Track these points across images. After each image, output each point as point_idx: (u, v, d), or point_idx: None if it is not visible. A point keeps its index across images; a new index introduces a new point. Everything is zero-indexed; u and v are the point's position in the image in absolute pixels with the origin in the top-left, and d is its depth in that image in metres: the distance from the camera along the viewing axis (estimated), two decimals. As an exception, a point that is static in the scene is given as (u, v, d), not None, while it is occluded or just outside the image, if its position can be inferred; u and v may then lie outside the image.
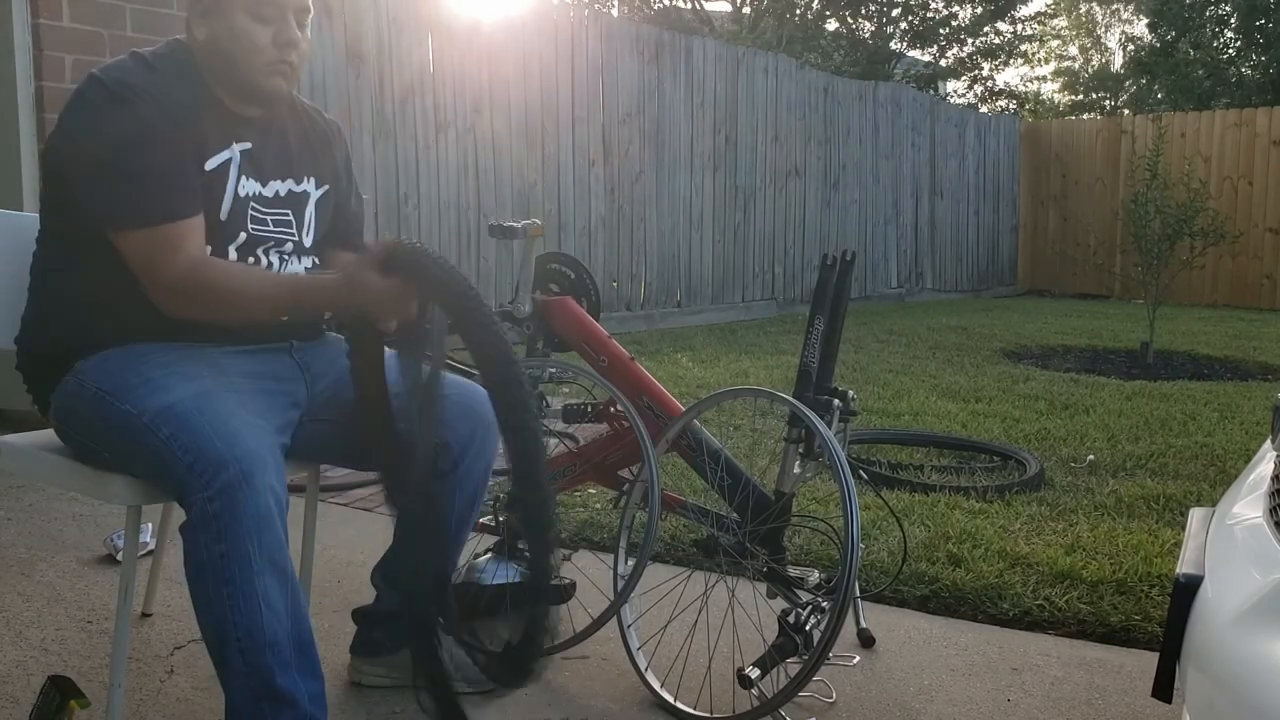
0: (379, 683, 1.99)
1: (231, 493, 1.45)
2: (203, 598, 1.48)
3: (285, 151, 1.80)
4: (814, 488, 3.18)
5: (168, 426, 1.52)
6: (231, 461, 1.46)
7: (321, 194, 1.85)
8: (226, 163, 1.68)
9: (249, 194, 1.71)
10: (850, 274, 2.13)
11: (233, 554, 1.45)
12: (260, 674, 1.47)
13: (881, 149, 10.22)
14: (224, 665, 1.49)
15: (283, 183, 1.78)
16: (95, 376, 1.63)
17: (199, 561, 1.47)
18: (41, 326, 1.73)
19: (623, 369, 2.20)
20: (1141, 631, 2.28)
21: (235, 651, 1.47)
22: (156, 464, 1.53)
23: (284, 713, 1.48)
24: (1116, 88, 21.20)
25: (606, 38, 7.47)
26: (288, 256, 1.79)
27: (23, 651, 2.11)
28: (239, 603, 1.46)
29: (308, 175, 1.83)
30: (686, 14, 15.48)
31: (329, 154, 1.89)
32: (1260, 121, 10.64)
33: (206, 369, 1.63)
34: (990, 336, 7.46)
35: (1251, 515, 1.37)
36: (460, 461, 1.81)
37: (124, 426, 1.57)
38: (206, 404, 1.54)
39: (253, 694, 1.48)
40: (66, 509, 3.04)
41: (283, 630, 1.48)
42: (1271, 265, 10.58)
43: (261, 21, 1.65)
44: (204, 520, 1.46)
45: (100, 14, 3.92)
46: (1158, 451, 3.88)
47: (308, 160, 1.84)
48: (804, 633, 1.86)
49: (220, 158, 1.68)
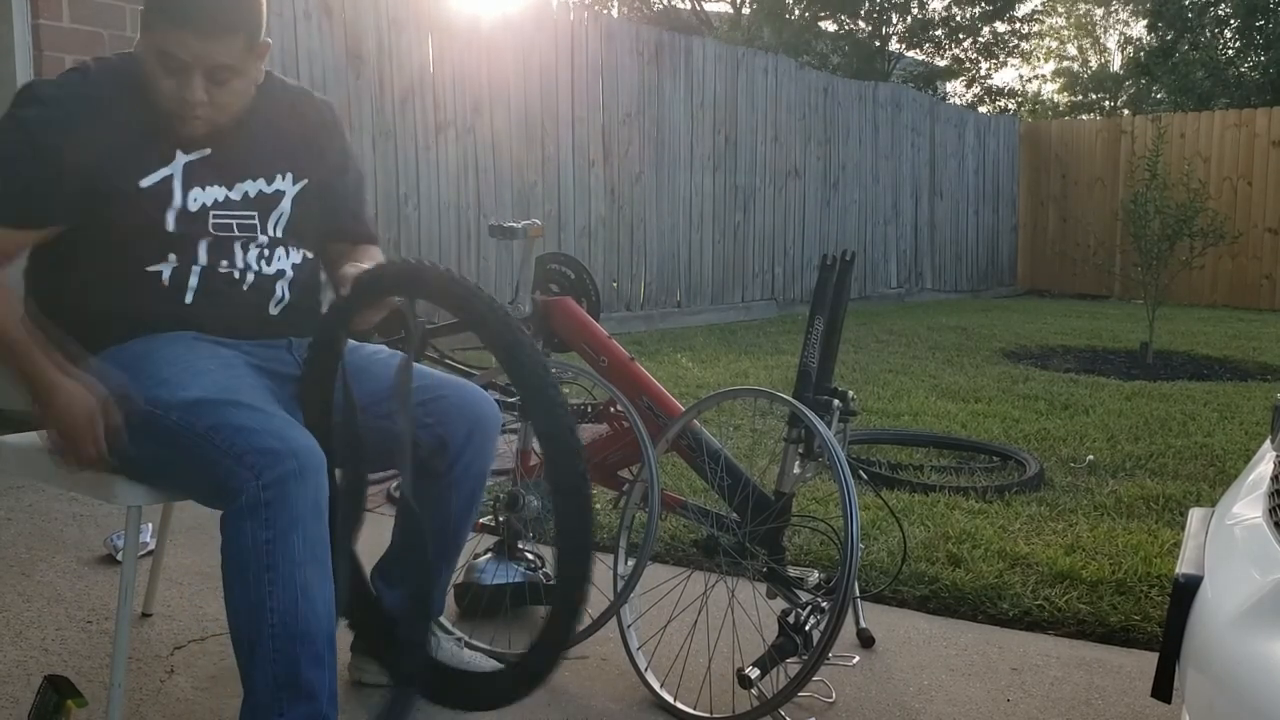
0: (380, 681, 1.99)
1: (285, 484, 1.46)
2: (240, 583, 1.48)
3: (255, 151, 1.77)
4: (814, 488, 3.18)
5: (204, 420, 1.52)
6: (289, 455, 1.47)
7: (299, 189, 1.82)
8: (168, 178, 1.67)
9: (208, 202, 1.70)
10: (850, 274, 2.13)
11: (279, 542, 1.46)
12: (288, 663, 1.47)
13: (881, 149, 10.22)
14: (252, 651, 1.48)
15: (253, 183, 1.76)
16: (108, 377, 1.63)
17: (242, 547, 1.47)
18: (54, 317, 1.73)
19: (622, 369, 2.20)
20: (1141, 632, 2.28)
21: (268, 637, 1.46)
22: (187, 458, 1.53)
23: (301, 706, 1.49)
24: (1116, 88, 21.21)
25: (606, 38, 7.47)
26: (265, 250, 1.78)
27: (23, 651, 2.11)
28: (279, 589, 1.46)
29: (281, 173, 1.80)
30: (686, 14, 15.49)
31: (315, 145, 1.86)
32: (1260, 122, 10.64)
33: (213, 363, 1.64)
34: (990, 337, 7.46)
35: (1251, 515, 1.37)
36: (457, 462, 1.81)
37: (143, 425, 1.56)
38: (239, 399, 1.55)
39: (275, 682, 1.47)
40: (66, 509, 3.04)
41: (318, 624, 1.49)
42: (1271, 265, 10.58)
43: (167, 72, 1.62)
44: (254, 508, 1.45)
45: (100, 14, 3.92)
46: (1157, 452, 3.88)
47: (283, 155, 1.81)
48: (804, 633, 1.87)
49: (158, 175, 1.67)
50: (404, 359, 1.63)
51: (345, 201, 1.94)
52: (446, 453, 1.79)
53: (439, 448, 1.78)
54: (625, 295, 7.71)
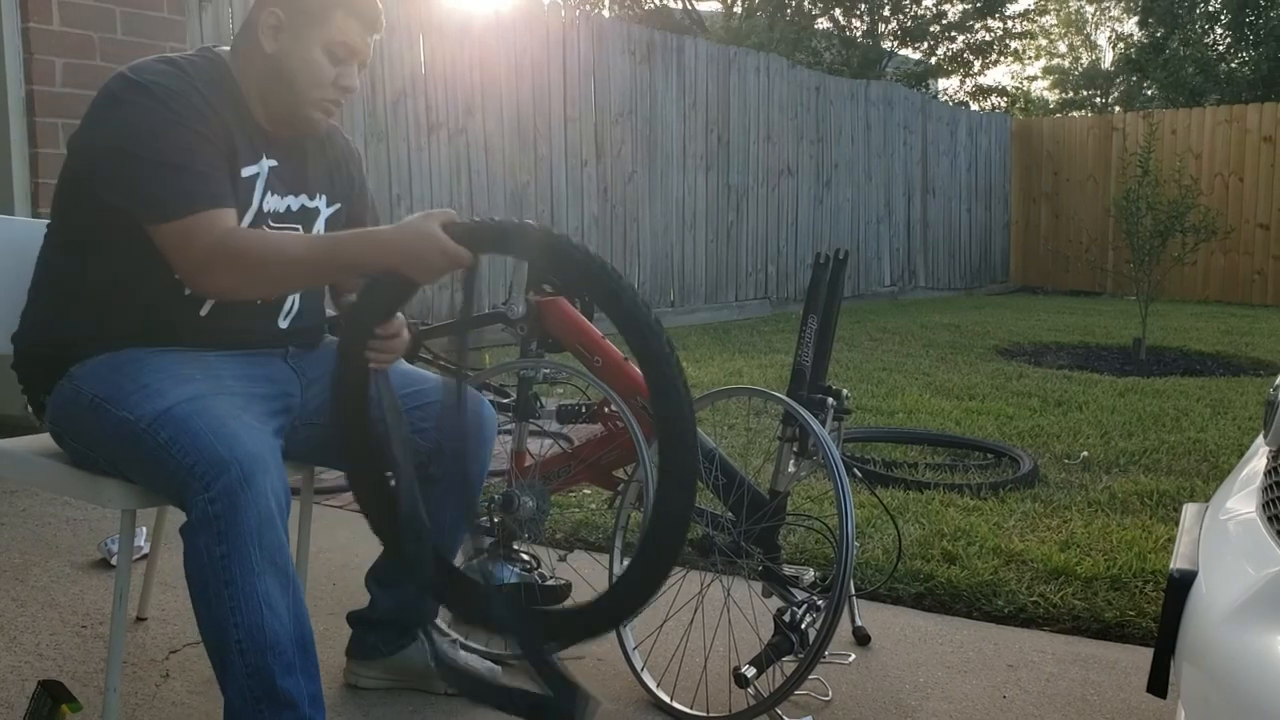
0: (375, 685, 1.99)
1: (233, 495, 1.44)
2: (203, 600, 1.48)
3: (303, 168, 1.81)
4: (809, 486, 3.18)
5: (165, 430, 1.51)
6: (233, 463, 1.45)
7: (333, 211, 1.87)
8: (254, 176, 1.70)
9: (272, 209, 1.73)
10: (843, 273, 2.13)
11: (234, 555, 1.45)
12: (261, 675, 1.47)
13: (874, 147, 10.23)
14: (224, 667, 1.48)
15: (296, 198, 1.79)
16: (90, 383, 1.63)
17: (200, 564, 1.47)
18: (44, 324, 1.72)
19: (617, 369, 2.19)
20: (1136, 627, 2.29)
21: (236, 653, 1.46)
22: (155, 468, 1.53)
23: (283, 714, 1.48)
24: (1107, 85, 21.26)
25: (598, 38, 7.47)
26: None
27: (17, 657, 2.11)
28: (240, 604, 1.45)
29: (320, 192, 1.84)
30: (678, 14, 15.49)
31: (344, 172, 1.91)
32: (1250, 118, 10.67)
33: (200, 372, 1.63)
34: (983, 334, 7.48)
35: (1245, 510, 1.37)
36: (453, 465, 1.81)
37: (121, 433, 1.56)
38: (204, 407, 1.54)
39: (252, 696, 1.47)
40: (61, 514, 3.03)
41: (284, 632, 1.48)
42: (1262, 261, 10.61)
43: (333, 60, 1.69)
44: (205, 522, 1.45)
45: (90, 17, 3.90)
46: (1151, 447, 3.89)
47: (323, 178, 1.85)
48: (799, 631, 1.87)
49: (250, 170, 1.69)
50: (454, 382, 1.64)
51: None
52: (442, 457, 1.78)
53: (434, 453, 1.77)
54: (619, 295, 7.70)
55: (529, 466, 2.30)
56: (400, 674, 1.98)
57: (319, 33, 1.67)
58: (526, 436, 2.34)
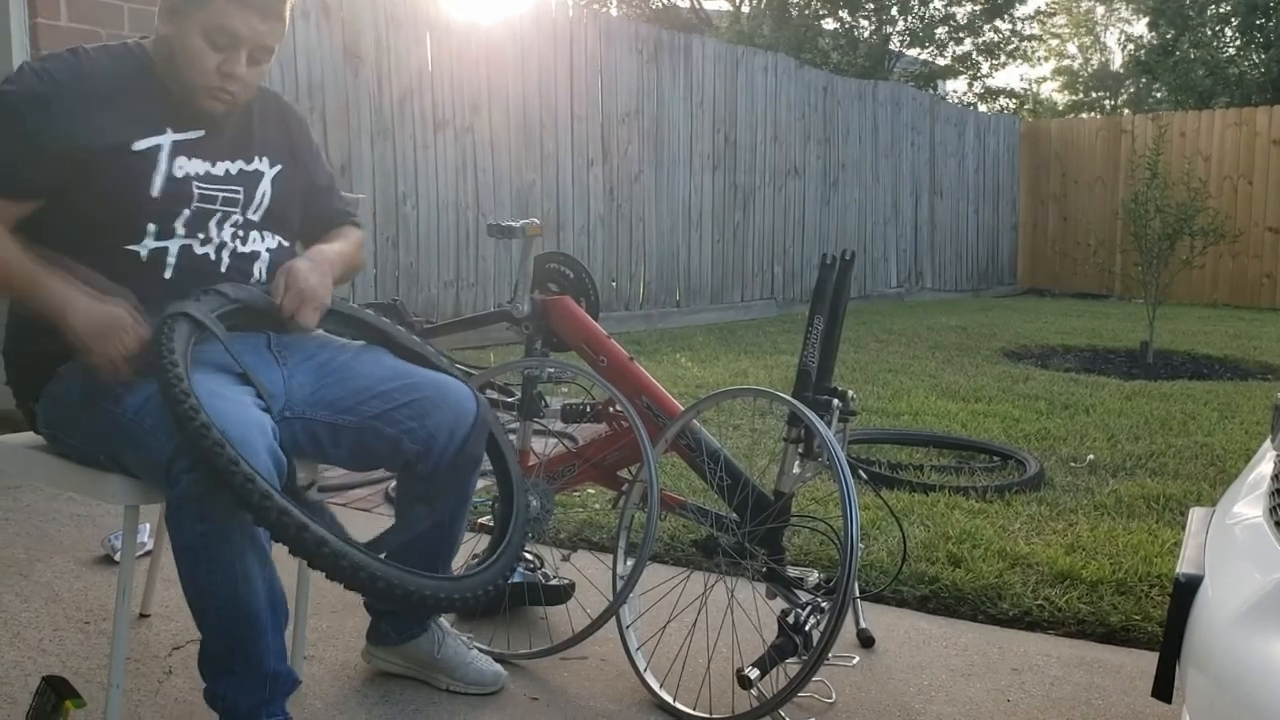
0: (390, 668, 2.04)
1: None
2: (187, 577, 1.55)
3: (239, 137, 1.83)
4: (813, 488, 3.18)
5: (150, 417, 1.55)
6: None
7: (276, 171, 1.88)
8: (155, 147, 1.72)
9: (192, 173, 1.74)
10: (849, 273, 2.13)
11: (214, 535, 1.51)
12: (236, 639, 1.57)
13: (881, 148, 10.21)
14: (203, 625, 1.58)
15: (234, 163, 1.81)
16: (77, 380, 1.66)
17: (182, 542, 1.53)
18: (25, 329, 1.73)
19: (622, 369, 2.19)
20: (1141, 631, 2.28)
21: (214, 620, 1.56)
22: (144, 456, 1.57)
23: (250, 671, 1.59)
24: (1116, 87, 21.21)
25: (605, 37, 7.46)
26: (240, 230, 1.81)
27: (20, 652, 2.11)
28: (219, 580, 1.53)
29: (260, 155, 1.86)
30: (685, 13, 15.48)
31: (285, 134, 1.93)
32: (1260, 120, 10.63)
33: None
34: (990, 336, 7.46)
35: (1251, 515, 1.37)
36: (441, 460, 1.78)
37: (110, 426, 1.60)
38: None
39: (227, 649, 1.58)
40: (64, 509, 3.03)
41: (258, 603, 1.56)
42: (1271, 264, 10.57)
43: (213, 47, 1.69)
44: (187, 500, 1.50)
45: (98, 13, 3.91)
46: (1157, 451, 3.87)
47: (261, 141, 1.87)
48: (803, 633, 1.86)
49: (149, 141, 1.71)
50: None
51: (329, 197, 2.03)
52: (431, 453, 1.77)
53: (424, 449, 1.76)
54: (624, 295, 7.71)
55: (533, 466, 2.30)
56: (411, 662, 2.02)
57: (199, 16, 1.68)
58: (531, 435, 2.34)
